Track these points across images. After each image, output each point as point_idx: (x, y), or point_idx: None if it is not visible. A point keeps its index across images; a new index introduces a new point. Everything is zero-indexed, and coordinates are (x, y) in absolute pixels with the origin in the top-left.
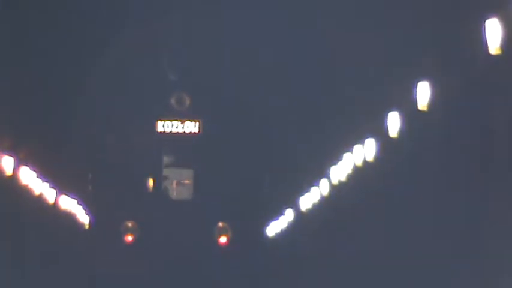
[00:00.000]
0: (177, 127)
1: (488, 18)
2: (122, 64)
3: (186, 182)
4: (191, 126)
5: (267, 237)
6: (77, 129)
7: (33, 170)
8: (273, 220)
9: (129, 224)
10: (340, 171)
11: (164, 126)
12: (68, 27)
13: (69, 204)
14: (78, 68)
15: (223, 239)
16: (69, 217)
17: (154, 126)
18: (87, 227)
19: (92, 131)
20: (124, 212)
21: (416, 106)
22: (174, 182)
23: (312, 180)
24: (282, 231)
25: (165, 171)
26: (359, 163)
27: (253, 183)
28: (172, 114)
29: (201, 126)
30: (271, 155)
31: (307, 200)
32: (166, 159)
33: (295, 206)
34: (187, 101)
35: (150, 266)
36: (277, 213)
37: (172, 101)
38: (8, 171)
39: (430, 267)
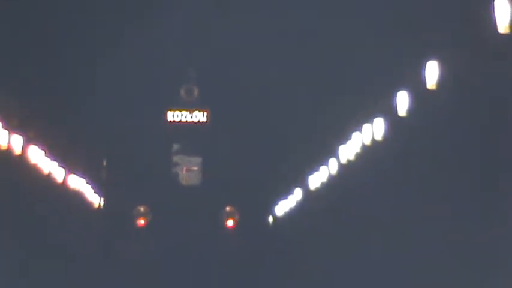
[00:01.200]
0: (185, 117)
1: None
2: (134, 57)
3: (195, 168)
4: (199, 116)
5: (275, 218)
6: (88, 112)
7: (42, 149)
8: (281, 199)
9: (142, 209)
10: (349, 150)
11: (174, 115)
12: (84, 15)
13: (78, 183)
14: (92, 56)
15: (230, 222)
16: (77, 196)
17: (165, 115)
18: (96, 206)
19: (103, 116)
20: (136, 196)
21: (425, 85)
22: (184, 168)
23: (321, 160)
24: (290, 210)
25: (175, 159)
26: (368, 142)
27: (261, 166)
28: (182, 105)
29: (209, 116)
30: (279, 136)
31: (316, 179)
32: (175, 147)
33: (304, 185)
34: (196, 92)
35: (161, 247)
36: (286, 192)
37: (182, 92)
38: (17, 150)
39: (439, 246)
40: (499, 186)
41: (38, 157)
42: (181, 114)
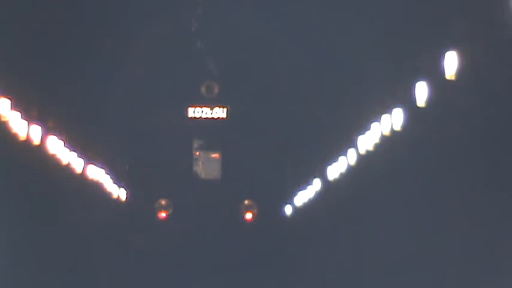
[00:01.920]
0: (206, 113)
1: None
2: (157, 53)
3: (215, 163)
4: (219, 112)
5: (293, 210)
6: (110, 105)
7: (61, 140)
8: (300, 190)
9: (163, 202)
10: (368, 140)
11: (194, 112)
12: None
13: (97, 173)
14: (114, 49)
15: (248, 215)
16: (96, 187)
17: (185, 112)
18: (115, 196)
19: (124, 110)
20: (158, 190)
21: (444, 75)
22: (200, 163)
23: (339, 150)
24: (309, 200)
25: (195, 153)
26: (386, 132)
27: (280, 159)
28: (202, 101)
29: (229, 112)
30: (299, 129)
31: (335, 170)
32: (196, 142)
33: (322, 175)
34: (216, 89)
35: (181, 240)
36: (304, 183)
37: (202, 88)
38: (36, 140)
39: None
40: None
41: (57, 147)
42: (202, 111)
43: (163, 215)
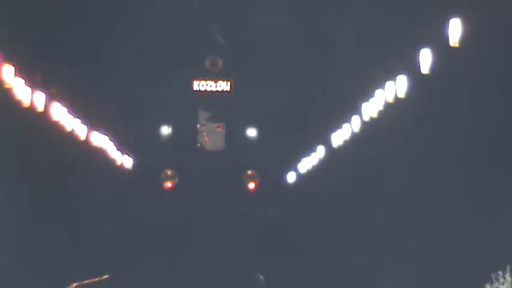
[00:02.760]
0: (210, 86)
1: None
2: (163, 28)
3: (219, 134)
4: (223, 85)
5: (298, 177)
6: (114, 74)
7: (65, 106)
8: (304, 157)
9: (169, 172)
10: (372, 107)
11: (199, 85)
12: None
13: (101, 140)
14: (120, 23)
15: (251, 185)
16: (100, 153)
17: (191, 85)
18: (118, 163)
19: (129, 81)
20: (163, 160)
21: (448, 42)
22: (205, 135)
23: (344, 117)
24: (313, 167)
25: (200, 125)
26: (390, 99)
27: (283, 129)
28: (207, 75)
29: (232, 85)
30: (302, 96)
31: (339, 137)
32: (201, 115)
33: (326, 142)
34: (220, 63)
35: (186, 208)
36: (309, 150)
37: (207, 63)
38: (40, 107)
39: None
40: None
41: (60, 114)
42: (207, 84)
43: (169, 184)
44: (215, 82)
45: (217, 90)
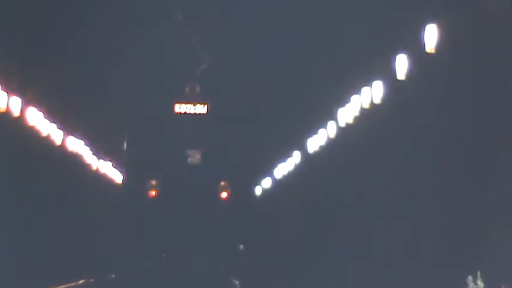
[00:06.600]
0: (189, 108)
1: None
2: (146, 56)
3: (197, 156)
4: (200, 108)
5: (273, 182)
6: (95, 78)
7: (40, 111)
8: (280, 162)
9: (153, 182)
10: (348, 113)
11: (180, 107)
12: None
13: (76, 145)
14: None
15: (224, 194)
16: (75, 158)
17: (173, 107)
18: (94, 168)
19: (110, 93)
20: (149, 172)
21: (424, 49)
22: (186, 150)
23: (319, 123)
24: (289, 173)
25: (181, 143)
26: (366, 105)
27: (257, 142)
28: (187, 98)
29: (209, 109)
30: (277, 100)
31: (315, 142)
32: (180, 134)
33: (302, 147)
34: (198, 89)
35: (168, 213)
36: (285, 155)
37: (187, 89)
38: (15, 111)
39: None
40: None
41: (36, 119)
42: (186, 107)
43: (153, 193)
44: (194, 105)
45: (195, 113)
